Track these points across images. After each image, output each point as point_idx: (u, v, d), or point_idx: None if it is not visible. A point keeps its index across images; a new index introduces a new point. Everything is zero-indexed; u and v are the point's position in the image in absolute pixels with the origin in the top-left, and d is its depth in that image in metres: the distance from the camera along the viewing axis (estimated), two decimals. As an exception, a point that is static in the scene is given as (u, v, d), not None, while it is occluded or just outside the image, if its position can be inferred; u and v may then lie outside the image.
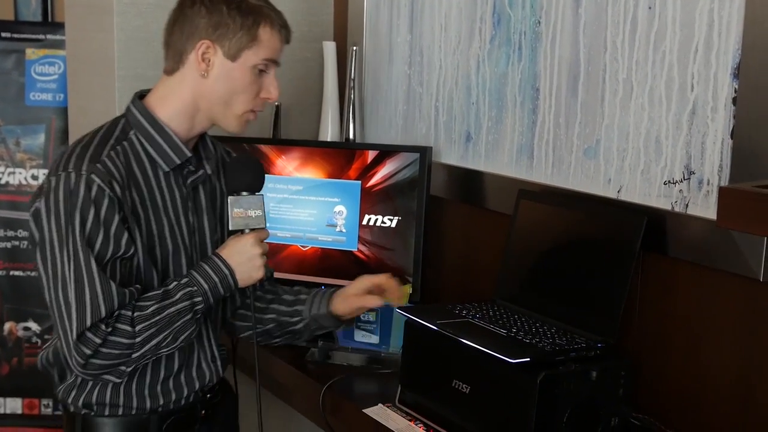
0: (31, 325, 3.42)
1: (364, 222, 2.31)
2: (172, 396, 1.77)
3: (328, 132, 2.65)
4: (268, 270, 1.81)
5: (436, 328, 1.79)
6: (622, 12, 1.84)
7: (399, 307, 1.94)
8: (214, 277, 1.70)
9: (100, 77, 2.61)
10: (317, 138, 2.68)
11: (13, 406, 3.43)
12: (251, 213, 1.74)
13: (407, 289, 2.22)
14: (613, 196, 1.90)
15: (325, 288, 1.97)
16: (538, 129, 2.07)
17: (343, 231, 2.33)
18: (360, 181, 2.31)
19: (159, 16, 1.87)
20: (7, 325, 3.42)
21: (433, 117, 2.39)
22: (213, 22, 1.70)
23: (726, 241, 1.65)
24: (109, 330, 1.61)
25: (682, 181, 1.76)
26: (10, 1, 3.89)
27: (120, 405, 1.74)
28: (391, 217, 2.29)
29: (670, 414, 1.78)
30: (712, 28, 1.67)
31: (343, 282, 1.97)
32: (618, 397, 1.68)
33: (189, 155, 1.76)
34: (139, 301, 1.65)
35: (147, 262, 1.70)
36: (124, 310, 1.63)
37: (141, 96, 1.79)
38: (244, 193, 1.75)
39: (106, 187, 1.63)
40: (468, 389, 1.71)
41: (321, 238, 2.35)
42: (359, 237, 2.31)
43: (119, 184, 1.65)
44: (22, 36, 3.44)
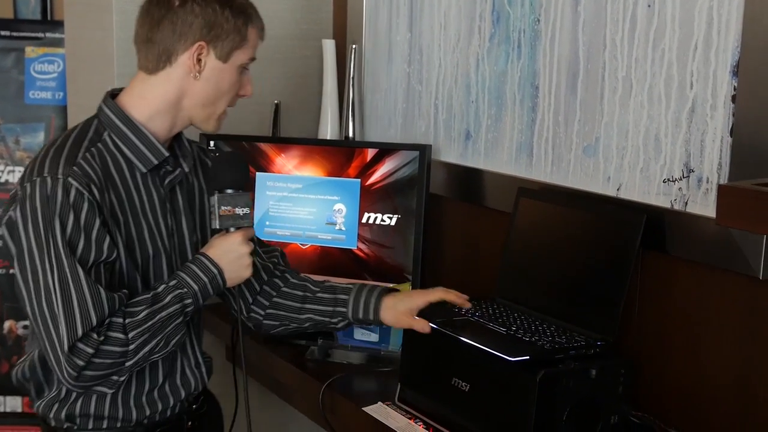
0: (31, 323, 3.42)
1: (364, 220, 2.31)
2: (158, 406, 1.73)
3: (328, 130, 2.65)
4: (255, 268, 1.77)
5: (435, 327, 1.79)
6: (622, 10, 1.84)
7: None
8: (204, 278, 1.66)
9: (100, 75, 2.61)
10: (317, 136, 2.68)
11: (13, 404, 3.43)
12: (239, 211, 1.71)
13: (407, 287, 2.22)
14: (612, 194, 1.90)
15: (363, 286, 1.89)
16: (538, 127, 2.07)
17: (343, 229, 2.33)
18: (359, 179, 2.31)
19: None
20: (7, 324, 3.42)
21: (433, 115, 2.39)
22: (207, 22, 1.67)
23: (725, 239, 1.65)
24: (102, 339, 1.55)
25: (681, 179, 1.76)
26: (9, 0, 3.89)
27: (105, 417, 1.69)
28: (391, 216, 2.29)
29: (670, 412, 1.78)
30: (711, 26, 1.67)
31: (343, 281, 1.96)
32: (617, 395, 1.68)
33: (166, 155, 1.71)
34: (129, 307, 1.60)
35: (129, 266, 1.65)
36: (115, 317, 1.58)
37: (113, 95, 1.73)
38: (229, 190, 1.71)
39: (84, 191, 1.57)
40: (468, 387, 1.71)
41: (320, 236, 2.35)
42: (359, 235, 2.31)
43: (97, 186, 1.60)
44: (21, 34, 3.44)
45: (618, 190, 1.89)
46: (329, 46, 2.65)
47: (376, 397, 1.91)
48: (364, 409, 1.87)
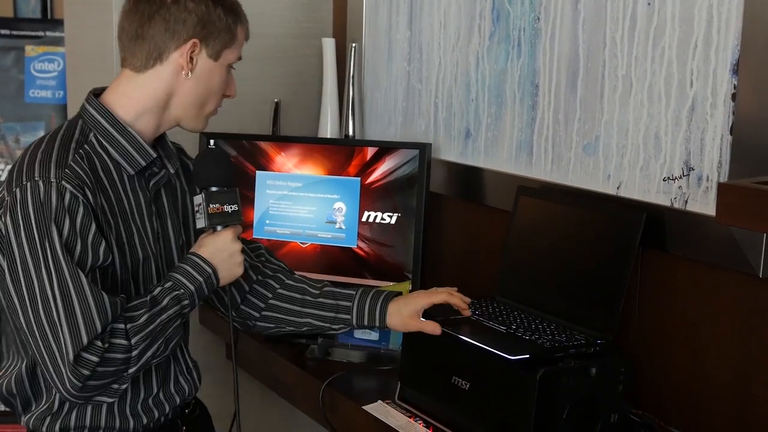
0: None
1: (364, 219, 2.31)
2: (154, 413, 1.70)
3: (328, 129, 2.65)
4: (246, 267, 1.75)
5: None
6: (621, 8, 1.84)
7: None
8: (199, 278, 1.62)
9: (99, 74, 2.61)
10: (317, 135, 2.68)
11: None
12: (227, 208, 1.66)
13: (407, 285, 2.22)
14: (612, 192, 1.90)
15: (365, 292, 1.84)
16: (538, 125, 2.07)
17: (343, 228, 2.33)
18: (359, 178, 2.31)
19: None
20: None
21: (433, 113, 2.39)
22: (200, 19, 1.63)
23: (725, 238, 1.65)
24: (106, 346, 1.50)
25: (681, 178, 1.76)
26: (9, -2, 3.90)
27: (102, 427, 1.64)
28: (391, 214, 2.28)
29: (670, 410, 1.78)
30: (711, 24, 1.67)
31: (343, 279, 1.96)
32: (617, 393, 1.68)
33: (154, 156, 1.66)
34: (127, 312, 1.55)
35: (123, 271, 1.61)
36: (116, 323, 1.52)
37: (96, 94, 1.67)
38: (214, 188, 1.67)
39: (79, 194, 1.51)
40: (468, 386, 1.70)
41: (320, 234, 2.35)
42: (359, 234, 2.31)
43: (90, 189, 1.54)
44: (21, 33, 3.45)
45: (618, 188, 1.89)
46: (329, 45, 2.65)
47: (376, 396, 1.91)
48: (364, 407, 1.87)
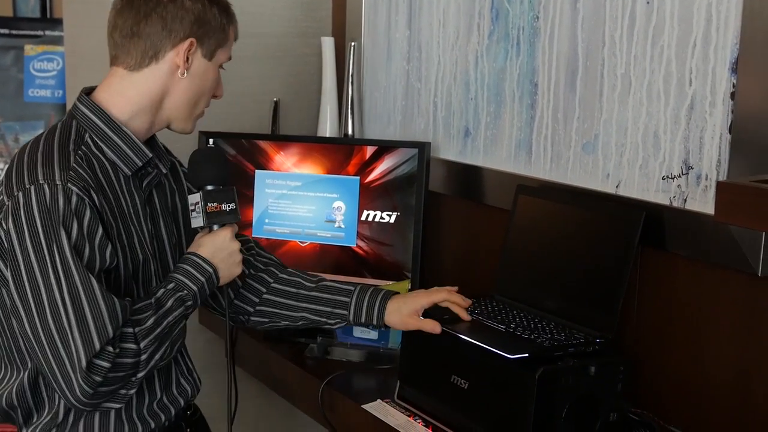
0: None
1: (363, 218, 2.31)
2: (161, 418, 1.69)
3: (327, 128, 2.65)
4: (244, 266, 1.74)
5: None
6: (620, 7, 1.84)
7: None
8: (201, 278, 1.61)
9: (99, 73, 2.58)
10: (316, 134, 2.68)
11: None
12: (225, 207, 1.65)
13: (406, 284, 2.22)
14: (611, 191, 1.90)
15: (364, 289, 1.84)
16: (537, 124, 2.07)
17: (342, 227, 2.33)
18: (359, 177, 2.31)
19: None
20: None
21: (432, 112, 2.39)
22: (197, 18, 1.61)
23: (724, 236, 1.65)
24: (117, 351, 1.48)
25: (680, 176, 1.76)
26: (8, -2, 3.90)
27: None
28: (390, 213, 2.28)
29: (669, 409, 1.78)
30: (710, 23, 1.67)
31: (342, 278, 1.96)
32: (616, 392, 1.68)
33: (150, 155, 1.64)
34: (133, 315, 1.53)
35: (127, 273, 1.59)
36: (125, 327, 1.50)
37: (87, 93, 1.64)
38: (209, 187, 1.66)
39: (85, 196, 1.49)
40: (467, 385, 1.70)
41: (320, 233, 2.35)
42: (358, 233, 2.31)
43: (94, 191, 1.52)
44: (20, 32, 3.44)
45: (617, 187, 1.89)
46: (328, 44, 2.65)
47: (376, 395, 1.91)
48: (363, 406, 1.87)
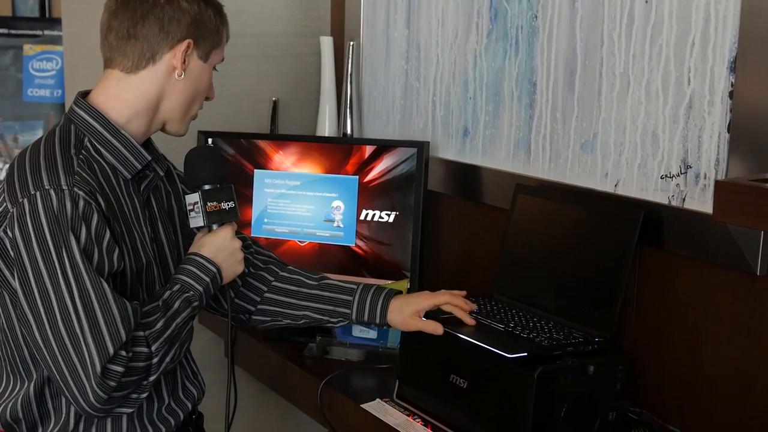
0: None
1: (362, 217, 2.31)
2: (170, 423, 1.67)
3: (326, 127, 2.65)
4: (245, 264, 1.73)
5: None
6: (619, 6, 1.84)
7: None
8: (206, 278, 1.60)
9: (98, 73, 2.58)
10: (315, 133, 2.68)
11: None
12: (224, 205, 1.65)
13: (405, 284, 2.22)
14: (610, 190, 1.90)
15: (366, 288, 1.84)
16: (535, 123, 2.07)
17: (341, 226, 2.33)
18: (357, 176, 2.31)
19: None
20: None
21: (431, 112, 2.39)
22: (193, 19, 1.61)
23: (723, 235, 1.65)
24: (130, 355, 1.46)
25: (678, 175, 1.76)
26: (7, -3, 3.89)
27: None
28: (389, 212, 2.28)
29: (668, 408, 1.78)
30: (708, 22, 1.67)
31: (341, 278, 1.96)
32: (615, 391, 1.68)
33: (149, 158, 1.63)
34: (142, 318, 1.51)
35: (133, 277, 1.58)
36: (135, 331, 1.49)
37: (83, 96, 1.64)
38: (207, 186, 1.65)
39: (92, 201, 1.48)
40: (466, 384, 1.70)
41: (319, 233, 2.35)
42: (357, 232, 2.31)
43: (100, 195, 1.51)
44: (19, 32, 3.44)
45: (616, 186, 1.89)
46: (327, 43, 2.65)
47: (375, 394, 1.91)
48: (362, 406, 1.87)
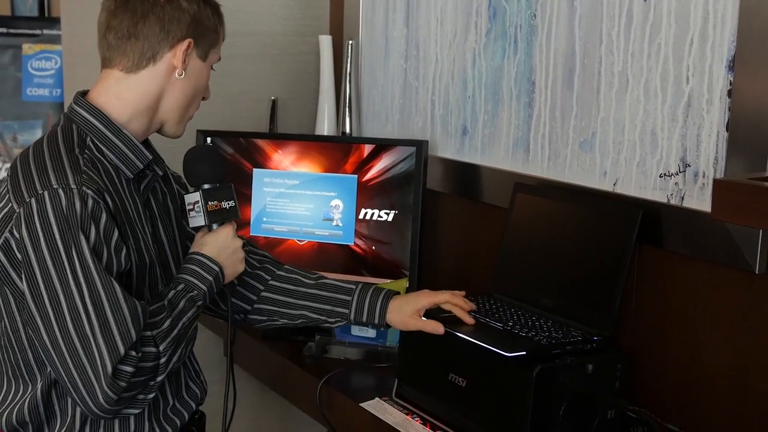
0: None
1: (361, 216, 2.31)
2: (176, 423, 1.67)
3: (325, 126, 2.65)
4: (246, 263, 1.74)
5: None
6: (618, 4, 1.84)
7: None
8: (209, 277, 1.61)
9: (97, 72, 2.60)
10: (314, 132, 2.67)
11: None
12: (225, 204, 1.65)
13: (404, 283, 2.22)
14: (608, 189, 1.90)
15: (365, 288, 1.83)
16: (534, 122, 2.07)
17: (340, 225, 2.33)
18: (356, 175, 2.31)
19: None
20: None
21: (430, 111, 2.39)
22: (194, 18, 1.60)
23: (721, 234, 1.65)
24: (140, 356, 1.45)
25: (677, 174, 1.76)
26: (6, -3, 3.89)
27: None
28: (388, 211, 2.28)
29: (667, 406, 1.79)
30: (707, 21, 1.67)
31: (340, 277, 1.96)
32: (614, 390, 1.68)
33: (150, 158, 1.62)
34: (149, 318, 1.50)
35: (138, 277, 1.56)
36: (143, 331, 1.48)
37: (82, 95, 1.63)
38: (206, 185, 1.65)
39: (100, 200, 1.47)
40: (464, 383, 1.71)
41: (318, 232, 2.35)
42: (356, 231, 2.31)
43: (107, 194, 1.50)
44: (18, 31, 3.44)
45: (614, 185, 1.89)
46: (326, 42, 2.65)
47: (374, 393, 1.91)
48: (361, 404, 1.87)
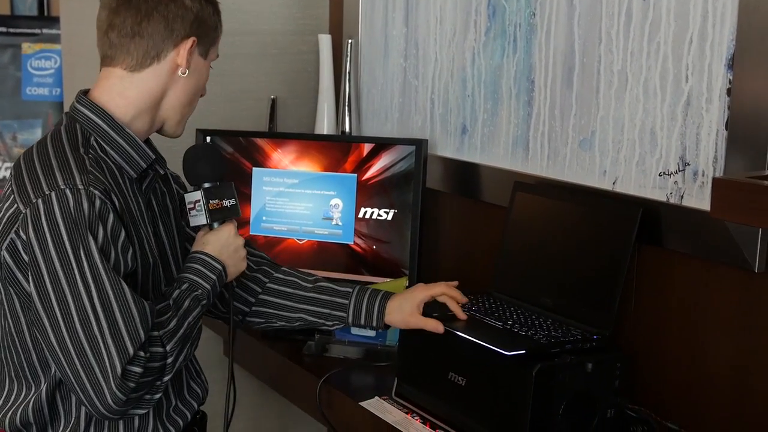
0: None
1: (360, 215, 2.31)
2: (180, 423, 1.67)
3: (324, 125, 2.64)
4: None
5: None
6: (617, 3, 1.84)
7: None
8: (212, 276, 1.60)
9: (96, 71, 2.60)
10: (313, 131, 2.67)
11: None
12: (226, 203, 1.65)
13: (403, 282, 2.22)
14: (608, 187, 1.90)
15: (361, 291, 1.83)
16: (534, 121, 2.07)
17: (340, 224, 2.33)
18: (356, 174, 2.31)
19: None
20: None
21: (429, 109, 2.39)
22: (196, 17, 1.60)
23: (721, 233, 1.65)
24: (148, 356, 1.45)
25: (677, 173, 1.76)
26: (6, -4, 3.89)
27: None
28: (387, 210, 2.28)
29: (666, 405, 1.79)
30: (706, 19, 1.67)
31: (339, 276, 1.96)
32: (614, 388, 1.68)
33: (153, 157, 1.62)
34: (155, 318, 1.50)
35: (144, 277, 1.56)
36: (150, 331, 1.47)
37: (84, 94, 1.62)
38: (207, 184, 1.64)
39: (107, 200, 1.46)
40: (464, 382, 1.71)
41: (317, 231, 2.35)
42: (355, 230, 2.31)
43: (114, 194, 1.49)
44: (18, 30, 3.45)
45: (614, 183, 1.89)
46: (325, 41, 2.65)
47: (373, 392, 1.91)
48: (361, 403, 1.87)
